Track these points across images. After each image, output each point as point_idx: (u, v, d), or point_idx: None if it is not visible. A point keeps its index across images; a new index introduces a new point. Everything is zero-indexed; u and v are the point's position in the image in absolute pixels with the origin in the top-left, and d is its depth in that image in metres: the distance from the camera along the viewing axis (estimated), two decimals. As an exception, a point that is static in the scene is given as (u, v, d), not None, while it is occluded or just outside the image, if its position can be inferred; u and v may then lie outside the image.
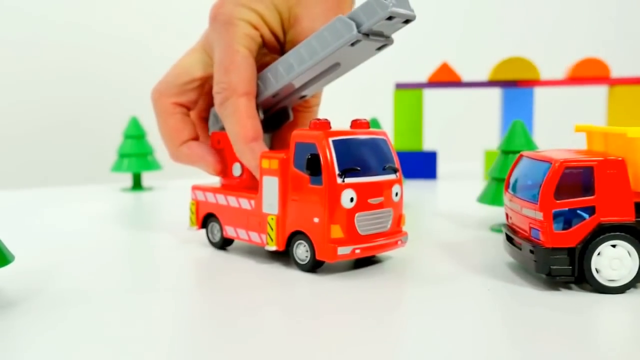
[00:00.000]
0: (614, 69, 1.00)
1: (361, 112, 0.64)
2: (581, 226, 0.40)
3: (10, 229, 0.65)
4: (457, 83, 1.03)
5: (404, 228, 0.49)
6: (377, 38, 0.46)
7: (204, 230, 0.56)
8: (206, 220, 0.55)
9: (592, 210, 0.40)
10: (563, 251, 0.40)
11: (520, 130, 0.61)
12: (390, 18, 0.44)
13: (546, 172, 0.41)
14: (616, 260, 0.39)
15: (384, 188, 0.46)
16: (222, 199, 0.53)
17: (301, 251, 0.46)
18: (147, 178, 1.05)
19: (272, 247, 0.48)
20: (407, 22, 0.46)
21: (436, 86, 1.03)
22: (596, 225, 0.40)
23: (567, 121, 0.67)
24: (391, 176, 0.47)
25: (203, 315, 0.38)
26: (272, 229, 0.48)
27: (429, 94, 1.09)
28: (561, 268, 0.40)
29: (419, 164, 1.04)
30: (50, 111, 1.39)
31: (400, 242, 0.48)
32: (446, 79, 1.03)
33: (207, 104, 0.58)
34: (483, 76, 1.04)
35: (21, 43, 1.36)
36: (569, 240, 0.40)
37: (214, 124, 0.56)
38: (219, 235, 0.54)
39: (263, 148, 0.50)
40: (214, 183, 0.57)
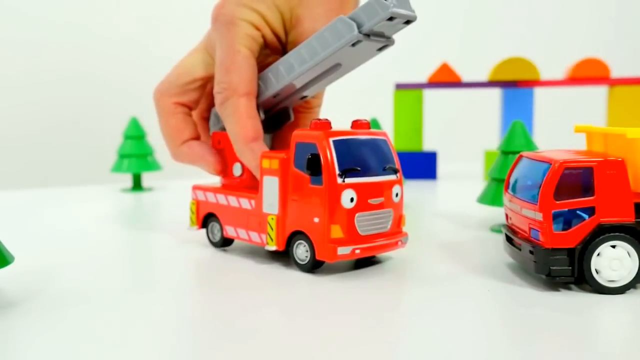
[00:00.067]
0: (614, 69, 1.01)
1: (361, 113, 0.64)
2: (581, 227, 0.40)
3: (10, 230, 0.66)
4: (457, 83, 1.03)
5: (404, 228, 0.49)
6: (378, 39, 0.46)
7: (204, 230, 0.56)
8: (206, 220, 0.55)
9: (592, 210, 0.40)
10: (563, 252, 0.40)
11: (520, 130, 0.61)
12: (391, 19, 0.44)
13: (546, 173, 0.41)
14: (616, 260, 0.39)
15: (384, 188, 0.46)
16: (223, 199, 0.53)
17: (301, 251, 0.46)
18: (147, 178, 1.05)
19: (272, 247, 0.48)
20: (408, 23, 0.46)
21: (436, 86, 1.03)
22: (596, 225, 0.40)
23: (567, 121, 0.67)
24: (391, 177, 0.47)
25: (203, 315, 0.38)
26: (272, 229, 0.48)
27: (429, 95, 1.09)
28: (561, 269, 0.40)
29: (419, 165, 1.04)
30: (50, 112, 1.39)
31: (400, 243, 0.48)
32: (446, 80, 1.03)
33: (209, 104, 0.58)
34: (483, 76, 1.04)
35: (21, 44, 1.36)
36: (569, 240, 0.40)
37: (215, 124, 0.56)
38: (219, 235, 0.54)
39: (263, 148, 0.50)
40: (215, 183, 0.57)
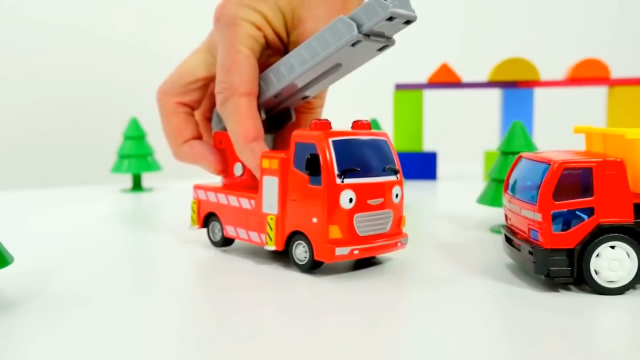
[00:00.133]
0: (614, 70, 1.00)
1: (361, 113, 0.64)
2: (580, 227, 0.40)
3: (10, 230, 0.66)
4: (457, 84, 1.03)
5: (404, 229, 0.49)
6: (378, 39, 0.46)
7: (205, 229, 0.56)
8: (207, 219, 0.55)
9: (591, 211, 0.40)
10: (562, 252, 0.40)
11: (519, 131, 0.61)
12: (391, 19, 0.44)
13: (545, 173, 0.41)
14: (615, 261, 0.39)
15: (384, 189, 0.46)
16: (223, 199, 0.53)
17: (300, 251, 0.46)
18: (147, 179, 1.05)
19: (271, 247, 0.48)
20: (408, 23, 0.46)
21: (436, 87, 1.03)
22: (595, 226, 0.40)
23: (567, 122, 0.67)
24: (391, 177, 0.47)
25: (202, 316, 0.38)
26: (272, 229, 0.48)
27: (429, 95, 1.09)
28: (560, 269, 0.40)
29: (419, 165, 1.04)
30: (50, 112, 1.39)
31: (400, 244, 0.48)
32: (446, 80, 1.03)
33: (212, 105, 0.58)
34: (483, 77, 1.04)
35: (21, 45, 1.36)
36: (568, 241, 0.40)
37: (217, 124, 0.57)
38: (220, 234, 0.54)
39: (263, 148, 0.50)
40: (216, 183, 0.57)
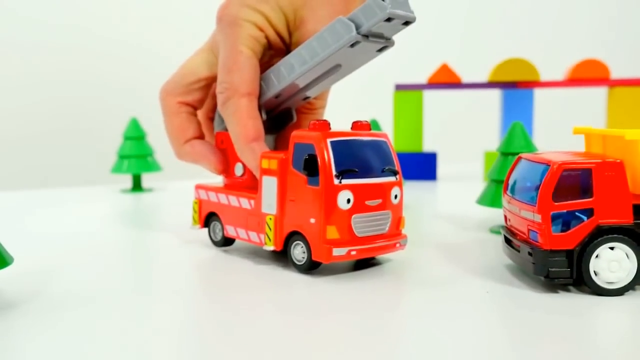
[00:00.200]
0: (614, 70, 1.00)
1: (361, 114, 0.64)
2: (579, 228, 0.40)
3: (10, 231, 0.66)
4: (457, 84, 1.03)
5: (404, 230, 0.49)
6: (377, 40, 0.46)
7: (206, 229, 0.56)
8: (208, 219, 0.55)
9: (591, 212, 0.40)
10: (561, 253, 0.40)
11: (519, 131, 0.61)
12: (389, 19, 0.44)
13: (544, 174, 0.41)
14: (614, 262, 0.39)
15: (383, 190, 0.46)
16: (224, 199, 0.53)
17: (298, 252, 0.46)
18: (147, 179, 1.05)
19: (270, 247, 0.48)
20: (407, 24, 0.46)
21: (436, 87, 1.03)
22: (594, 227, 0.40)
23: (567, 122, 0.67)
24: (390, 178, 0.47)
25: (202, 316, 0.38)
26: (270, 229, 0.48)
27: (429, 95, 1.09)
28: (559, 270, 0.40)
29: (419, 165, 1.04)
30: (50, 113, 1.39)
31: (398, 245, 0.48)
32: (446, 80, 1.03)
33: (214, 104, 0.58)
34: (483, 77, 1.04)
35: (21, 45, 1.36)
36: (568, 242, 0.40)
37: (220, 124, 0.57)
38: (221, 234, 0.54)
39: (264, 148, 0.50)
40: (217, 183, 0.57)
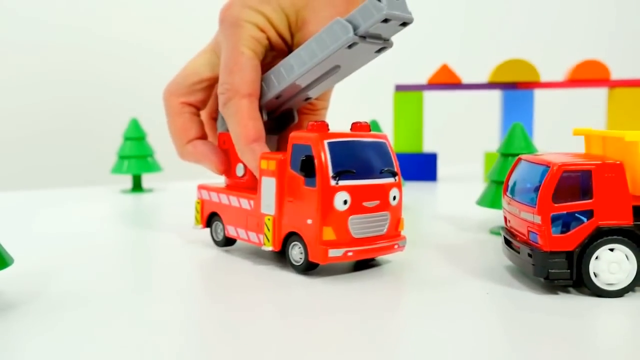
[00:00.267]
0: (614, 71, 1.00)
1: (361, 114, 0.64)
2: (579, 230, 0.40)
3: (10, 231, 0.66)
4: (457, 85, 1.03)
5: (403, 231, 0.49)
6: (375, 41, 0.46)
7: (208, 229, 0.56)
8: (210, 219, 0.56)
9: (590, 213, 0.40)
10: (561, 255, 0.40)
11: (519, 132, 0.61)
12: (386, 20, 0.44)
13: (544, 176, 0.41)
14: (614, 264, 0.39)
15: (381, 191, 0.46)
16: (225, 199, 0.53)
17: (296, 252, 0.47)
18: (147, 180, 1.05)
19: (269, 248, 0.48)
20: (405, 25, 0.45)
21: (436, 88, 1.03)
22: (594, 229, 0.40)
23: (567, 123, 0.67)
24: (389, 179, 0.47)
25: (202, 317, 0.38)
26: (269, 230, 0.48)
27: (429, 96, 1.09)
28: (559, 272, 0.40)
29: (419, 166, 1.04)
30: (50, 113, 1.39)
31: (397, 246, 0.48)
32: (446, 81, 1.03)
33: (218, 105, 0.58)
34: (483, 78, 1.04)
35: (21, 45, 1.36)
36: (567, 244, 0.40)
37: (222, 125, 0.57)
38: (222, 234, 0.54)
39: (264, 149, 0.50)
40: (220, 183, 0.57)
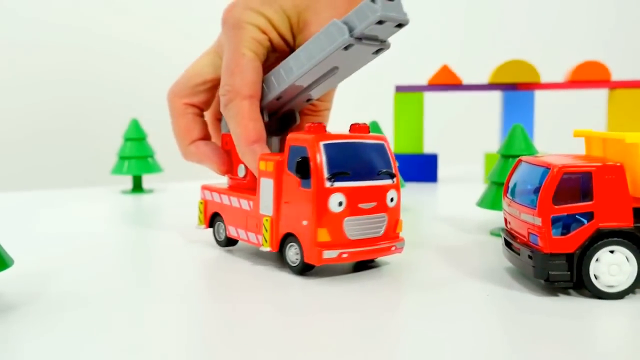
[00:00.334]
0: (615, 72, 1.00)
1: (361, 115, 0.64)
2: (580, 232, 0.40)
3: (10, 232, 0.66)
4: (458, 86, 1.03)
5: (402, 233, 0.49)
6: (372, 42, 0.46)
7: (210, 229, 0.57)
8: (213, 219, 0.56)
9: (591, 215, 0.40)
10: (561, 257, 0.40)
11: (520, 134, 0.61)
12: (380, 22, 0.43)
13: (545, 178, 0.41)
14: (614, 266, 0.39)
15: (378, 193, 0.46)
16: (226, 199, 0.54)
17: (292, 253, 0.47)
18: (148, 180, 1.05)
19: (267, 248, 0.48)
20: (401, 27, 0.45)
21: (436, 89, 1.03)
22: (594, 230, 0.40)
23: (568, 124, 0.67)
24: (386, 181, 0.47)
25: (201, 318, 0.39)
26: (267, 230, 0.48)
27: (430, 97, 1.09)
28: (559, 274, 0.40)
29: (420, 167, 1.04)
30: (50, 113, 1.39)
31: (394, 248, 0.48)
32: (446, 82, 1.02)
33: None
34: (483, 79, 1.04)
35: (21, 46, 1.36)
36: (568, 245, 0.40)
37: (226, 126, 0.57)
38: (224, 234, 0.55)
39: (264, 150, 0.50)
40: (223, 183, 0.58)
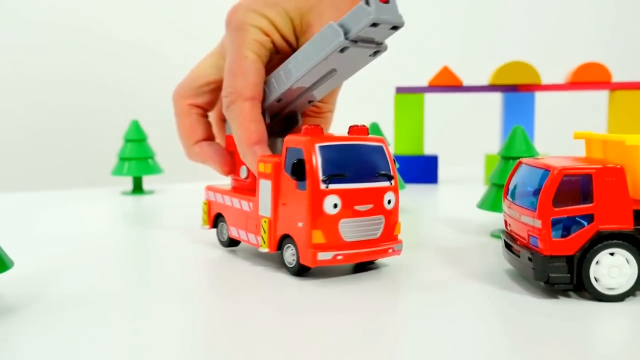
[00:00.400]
0: (615, 74, 1.00)
1: (362, 117, 0.64)
2: (580, 234, 0.40)
3: (10, 233, 0.65)
4: (458, 87, 1.03)
5: (402, 234, 0.49)
6: (368, 44, 0.46)
7: (213, 230, 0.57)
8: (216, 220, 0.56)
9: (591, 218, 0.40)
10: (561, 259, 0.40)
11: (520, 136, 0.61)
12: (375, 24, 0.43)
13: (545, 180, 0.41)
14: (615, 268, 0.39)
15: (374, 195, 0.46)
16: (228, 200, 0.54)
17: (289, 254, 0.47)
18: (148, 181, 1.05)
19: (265, 249, 0.48)
20: (396, 29, 0.45)
21: (437, 90, 1.03)
22: (595, 233, 0.40)
23: (569, 126, 0.67)
24: (383, 183, 0.47)
25: (201, 318, 0.39)
26: (265, 232, 0.48)
27: (430, 98, 1.09)
28: (560, 276, 0.40)
29: (420, 168, 1.04)
30: (50, 114, 1.39)
31: (392, 250, 0.48)
32: (447, 83, 1.02)
33: None
34: (484, 80, 1.04)
35: (21, 46, 1.36)
36: (568, 248, 0.40)
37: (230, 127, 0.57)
38: (227, 235, 0.55)
39: (265, 151, 0.51)
40: (227, 184, 0.58)
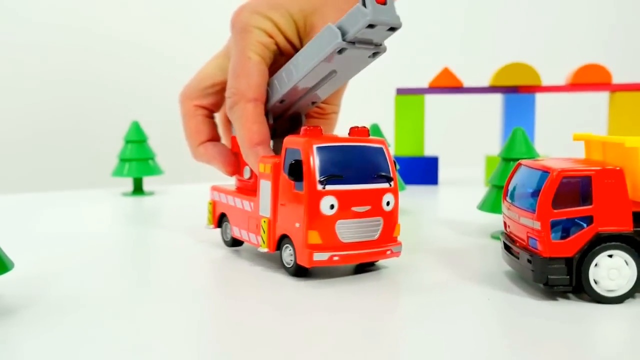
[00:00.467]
0: (616, 75, 1.00)
1: (362, 118, 0.64)
2: (579, 236, 0.40)
3: (10, 234, 0.66)
4: (459, 88, 1.03)
5: (402, 235, 0.49)
6: (366, 46, 0.46)
7: (219, 229, 0.57)
8: (221, 219, 0.57)
9: (590, 219, 0.40)
10: (561, 261, 0.40)
11: (521, 137, 0.61)
12: (372, 26, 0.43)
13: (544, 181, 0.41)
14: (614, 270, 0.39)
15: (373, 196, 0.46)
16: (232, 200, 0.54)
17: (287, 255, 0.47)
18: (148, 182, 1.05)
19: (264, 249, 0.49)
20: (393, 30, 0.45)
21: (437, 91, 1.03)
22: (594, 235, 0.40)
23: (569, 127, 0.67)
24: (382, 185, 0.47)
25: (201, 319, 0.39)
26: (264, 232, 0.48)
27: (430, 99, 1.09)
28: (559, 278, 0.40)
29: (421, 170, 1.04)
30: (50, 115, 1.40)
31: (390, 252, 0.47)
32: (447, 84, 1.02)
33: None
34: (484, 81, 1.04)
35: (21, 46, 1.37)
36: (567, 249, 0.40)
37: None
38: (230, 235, 0.55)
39: (268, 152, 0.51)
40: (231, 185, 0.58)
